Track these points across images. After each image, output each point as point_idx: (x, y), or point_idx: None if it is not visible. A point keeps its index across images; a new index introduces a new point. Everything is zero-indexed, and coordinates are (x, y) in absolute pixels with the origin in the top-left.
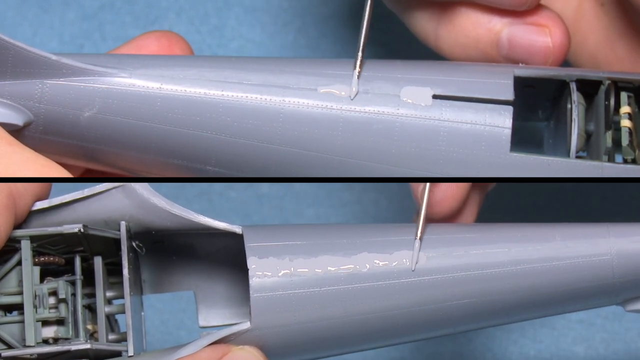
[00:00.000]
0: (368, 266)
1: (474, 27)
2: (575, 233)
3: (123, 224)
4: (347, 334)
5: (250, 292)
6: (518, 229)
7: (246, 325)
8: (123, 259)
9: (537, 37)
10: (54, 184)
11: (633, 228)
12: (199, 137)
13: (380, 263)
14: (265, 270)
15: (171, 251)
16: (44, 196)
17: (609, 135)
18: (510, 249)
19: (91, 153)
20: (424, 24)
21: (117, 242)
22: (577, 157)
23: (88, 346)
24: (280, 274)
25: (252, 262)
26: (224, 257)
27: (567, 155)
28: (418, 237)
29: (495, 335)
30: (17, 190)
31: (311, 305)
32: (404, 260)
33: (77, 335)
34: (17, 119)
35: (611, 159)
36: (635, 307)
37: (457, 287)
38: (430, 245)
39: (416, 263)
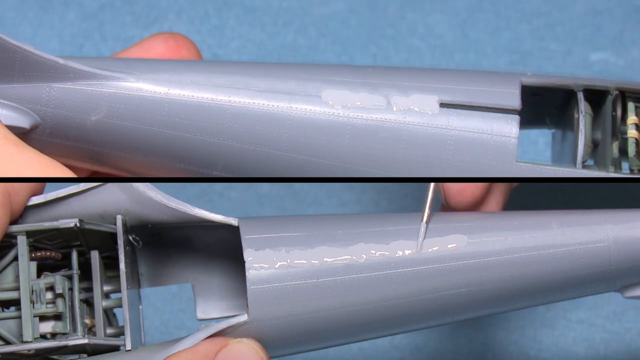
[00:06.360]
0: (365, 257)
1: None
2: (572, 220)
3: (119, 218)
4: (345, 324)
5: (247, 285)
6: (514, 216)
7: (244, 317)
8: (120, 253)
9: None
10: (56, 184)
11: (630, 214)
12: (206, 143)
13: (377, 253)
14: (262, 262)
15: (168, 244)
16: (39, 192)
17: (615, 146)
18: (506, 237)
19: (98, 156)
20: None
21: (114, 236)
22: (584, 166)
23: (85, 341)
24: (277, 266)
25: (248, 254)
26: (221, 249)
27: (574, 164)
28: (424, 221)
29: (496, 335)
30: (13, 187)
31: (308, 296)
32: (401, 249)
33: (74, 330)
34: (24, 122)
35: (618, 169)
36: (633, 294)
37: (455, 276)
38: (427, 235)
39: (421, 246)
